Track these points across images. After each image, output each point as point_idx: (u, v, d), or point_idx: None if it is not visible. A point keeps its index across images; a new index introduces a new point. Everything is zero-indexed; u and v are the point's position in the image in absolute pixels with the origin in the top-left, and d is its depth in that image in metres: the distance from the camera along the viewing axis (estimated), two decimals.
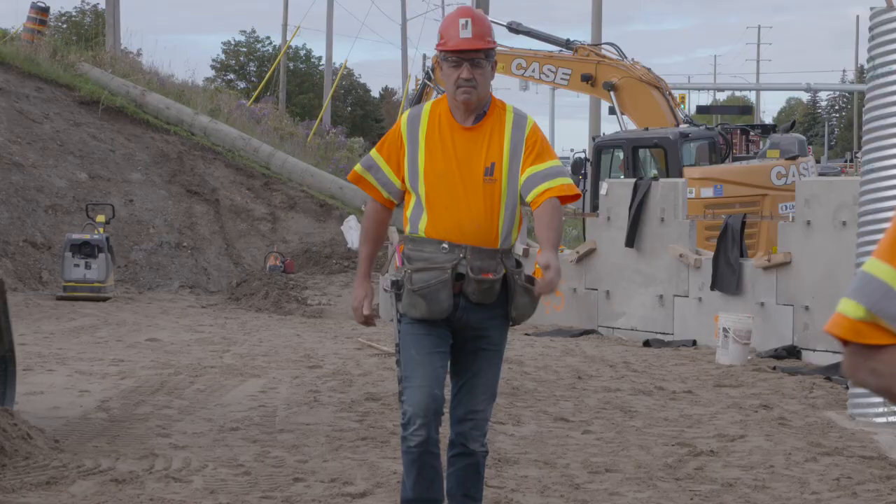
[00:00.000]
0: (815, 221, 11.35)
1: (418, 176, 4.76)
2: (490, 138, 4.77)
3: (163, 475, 6.37)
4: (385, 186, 4.85)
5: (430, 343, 4.73)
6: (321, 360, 11.27)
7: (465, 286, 4.70)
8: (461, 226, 4.69)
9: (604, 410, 8.64)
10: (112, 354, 11.59)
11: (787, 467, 6.78)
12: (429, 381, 4.70)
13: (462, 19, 4.78)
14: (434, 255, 4.71)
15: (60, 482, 6.18)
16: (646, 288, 13.08)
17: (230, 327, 14.68)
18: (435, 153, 4.76)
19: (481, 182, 4.72)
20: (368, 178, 4.88)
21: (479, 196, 4.71)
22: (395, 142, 4.84)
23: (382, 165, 4.85)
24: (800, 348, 11.39)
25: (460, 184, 4.71)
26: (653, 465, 6.78)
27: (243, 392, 9.33)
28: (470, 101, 4.74)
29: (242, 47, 62.91)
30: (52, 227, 19.50)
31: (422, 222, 4.76)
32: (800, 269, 11.48)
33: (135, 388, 9.43)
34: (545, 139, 4.89)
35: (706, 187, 15.79)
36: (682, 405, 8.91)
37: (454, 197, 4.72)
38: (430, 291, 4.66)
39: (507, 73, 19.33)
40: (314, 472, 6.50)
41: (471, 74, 4.71)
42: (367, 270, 4.92)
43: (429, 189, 4.74)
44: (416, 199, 4.78)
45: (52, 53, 24.37)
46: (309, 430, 7.74)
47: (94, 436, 7.44)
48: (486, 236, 4.71)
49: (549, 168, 4.76)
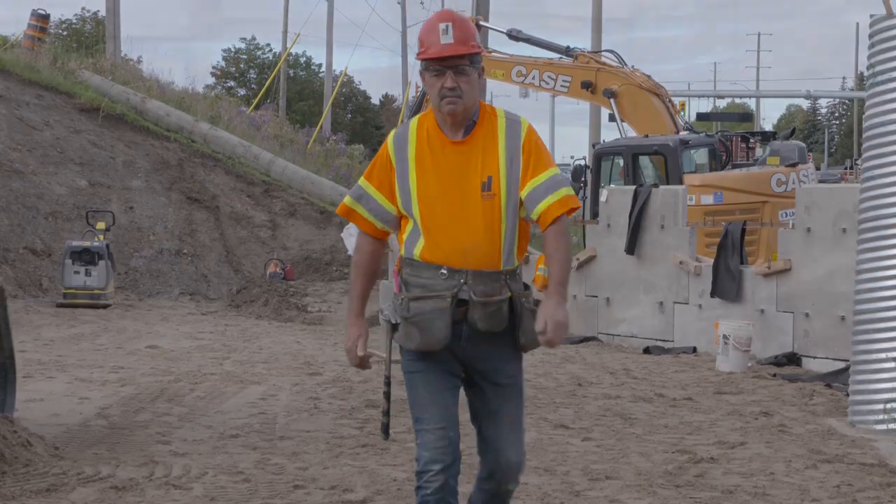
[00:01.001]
0: (815, 228, 11.36)
1: (411, 199, 4.39)
2: (484, 150, 4.39)
3: (163, 482, 6.37)
4: (379, 216, 4.47)
5: (439, 379, 4.38)
6: (321, 367, 11.27)
7: (471, 313, 4.32)
8: (461, 249, 4.33)
9: (604, 417, 8.63)
10: (112, 361, 11.60)
11: (788, 474, 6.78)
12: (442, 422, 4.34)
13: (442, 24, 4.37)
14: (432, 282, 4.35)
15: (60, 489, 6.18)
16: (646, 295, 13.08)
17: (230, 334, 14.68)
18: (426, 173, 4.38)
19: (479, 199, 4.34)
20: (359, 211, 4.49)
21: (478, 214, 4.34)
22: (384, 166, 4.46)
23: (374, 194, 4.47)
24: (800, 355, 11.39)
25: (457, 203, 4.34)
26: (653, 473, 6.77)
27: (243, 399, 9.33)
28: (456, 111, 4.35)
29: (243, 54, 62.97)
30: (53, 234, 19.50)
31: (418, 247, 4.39)
32: (800, 276, 11.47)
33: (135, 395, 9.43)
34: (541, 143, 4.51)
35: (706, 194, 15.78)
36: (682, 412, 8.90)
37: (451, 218, 4.34)
38: (423, 320, 4.31)
39: (508, 81, 19.35)
40: (314, 480, 6.50)
41: (455, 83, 4.33)
42: (361, 308, 4.52)
43: (424, 212, 4.36)
44: (413, 224, 4.41)
45: (53, 61, 24.40)
46: (309, 437, 7.74)
47: (94, 443, 7.44)
48: (488, 258, 4.35)
49: (549, 179, 4.40)
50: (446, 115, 4.39)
